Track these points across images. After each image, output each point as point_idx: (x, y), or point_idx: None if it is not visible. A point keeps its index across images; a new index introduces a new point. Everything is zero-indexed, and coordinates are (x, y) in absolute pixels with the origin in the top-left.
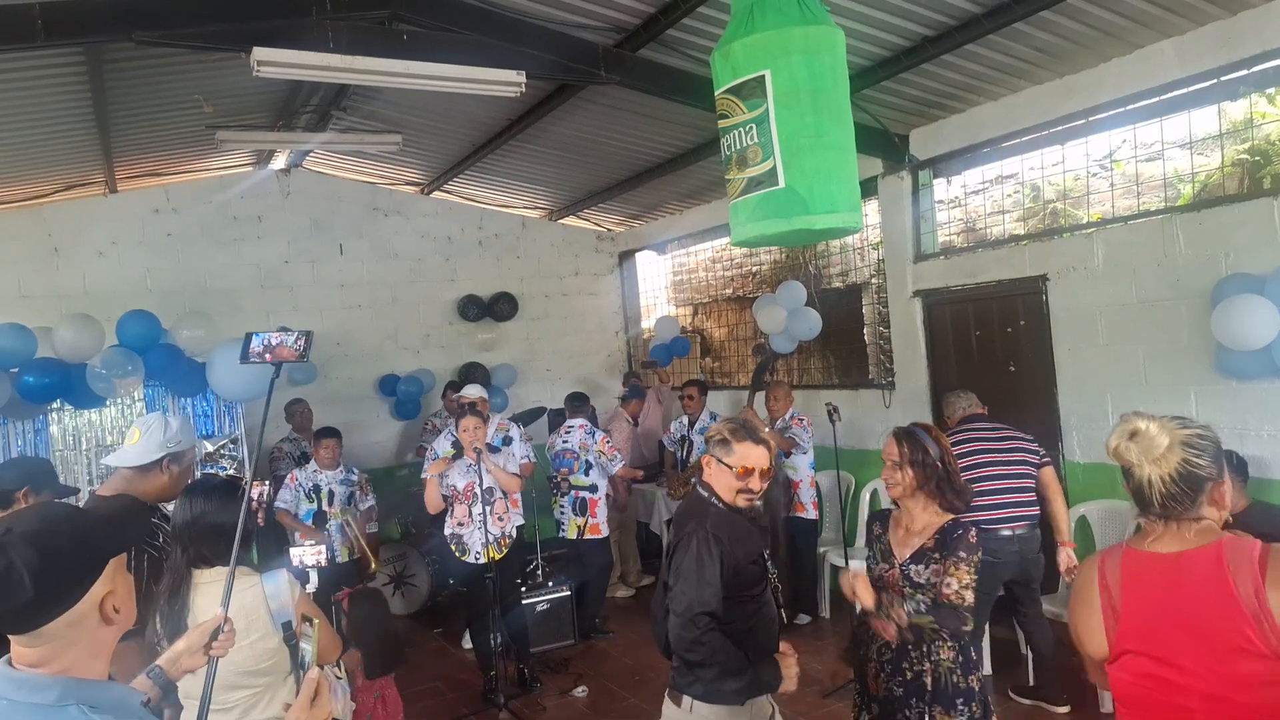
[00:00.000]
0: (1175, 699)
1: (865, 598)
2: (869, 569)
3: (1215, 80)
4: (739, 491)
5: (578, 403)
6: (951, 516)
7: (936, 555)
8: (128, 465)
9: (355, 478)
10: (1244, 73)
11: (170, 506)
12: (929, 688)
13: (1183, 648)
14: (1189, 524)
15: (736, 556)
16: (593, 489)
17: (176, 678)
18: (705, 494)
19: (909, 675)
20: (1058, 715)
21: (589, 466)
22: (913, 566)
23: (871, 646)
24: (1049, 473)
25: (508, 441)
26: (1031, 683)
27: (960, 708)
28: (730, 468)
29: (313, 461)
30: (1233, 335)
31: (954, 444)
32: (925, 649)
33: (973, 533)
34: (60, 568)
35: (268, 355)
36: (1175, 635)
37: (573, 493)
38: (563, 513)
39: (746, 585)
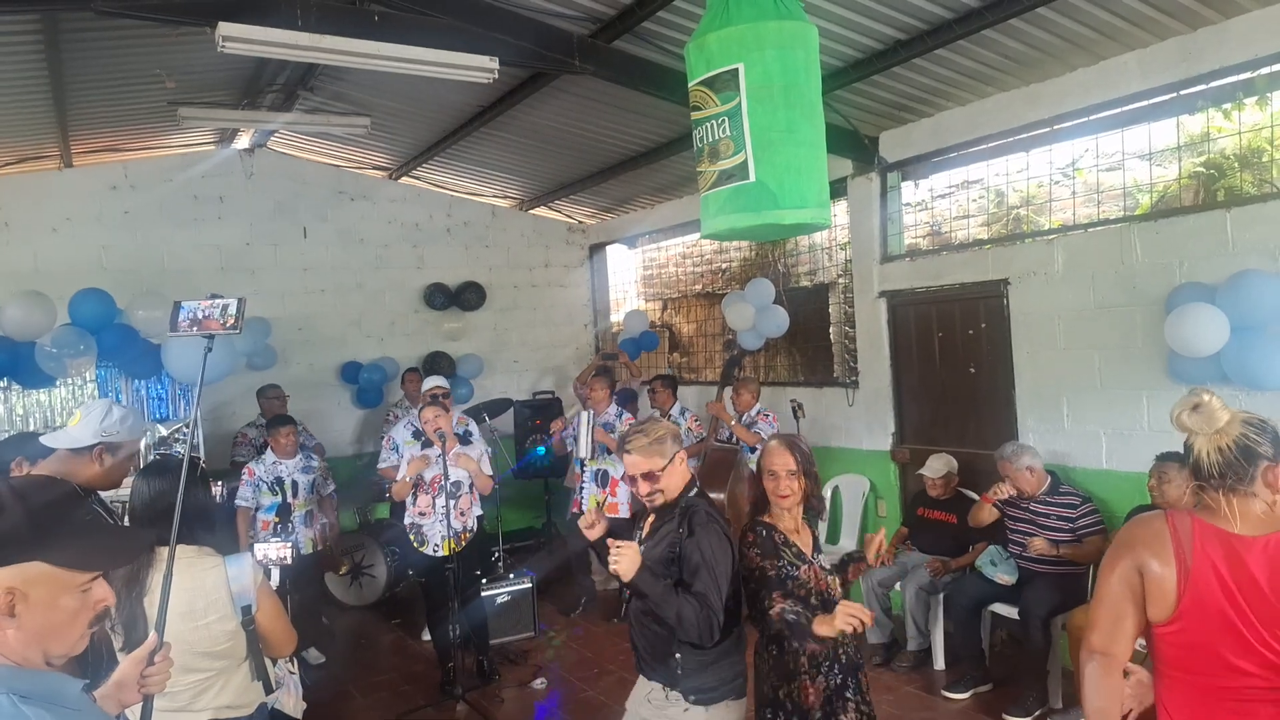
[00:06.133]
0: (1235, 665)
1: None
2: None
3: (1175, 94)
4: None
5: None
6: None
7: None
8: (60, 447)
9: (315, 463)
10: (1202, 87)
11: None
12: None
13: (1242, 620)
14: (1247, 499)
15: None
16: None
17: (115, 713)
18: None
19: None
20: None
21: None
22: (820, 557)
23: (801, 658)
24: None
25: (467, 433)
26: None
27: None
28: (630, 476)
29: (270, 452)
30: (1184, 342)
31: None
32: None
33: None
34: None
35: (195, 328)
36: (1241, 607)
37: None
38: None
39: None
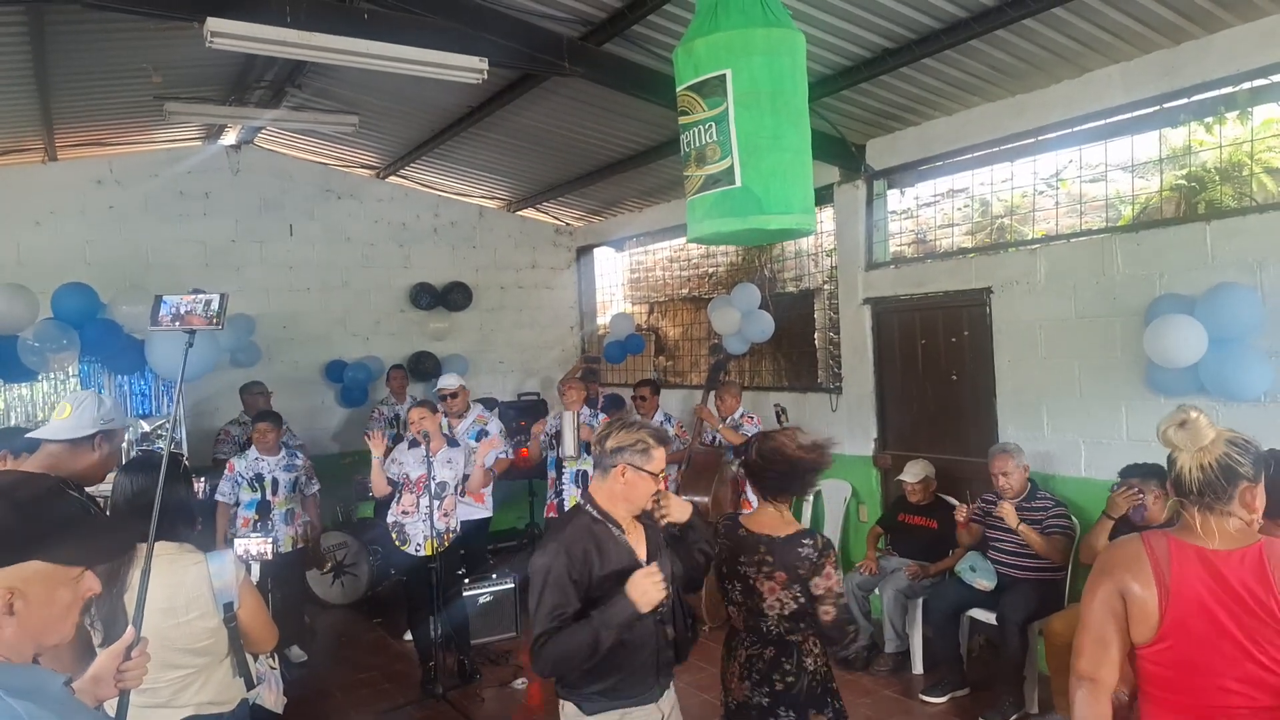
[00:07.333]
0: (1215, 684)
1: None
2: None
3: (1157, 107)
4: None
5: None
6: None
7: None
8: (59, 439)
9: (299, 461)
10: (1184, 101)
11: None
12: (803, 693)
13: (1225, 635)
14: (1224, 517)
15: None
16: None
17: (94, 705)
18: (582, 502)
19: (779, 686)
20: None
21: None
22: None
23: (741, 652)
24: None
25: (484, 434)
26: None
27: (829, 704)
28: (654, 475)
29: (253, 448)
30: (1163, 353)
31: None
32: (796, 659)
33: None
34: None
35: (177, 323)
36: (1219, 623)
37: None
38: None
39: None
